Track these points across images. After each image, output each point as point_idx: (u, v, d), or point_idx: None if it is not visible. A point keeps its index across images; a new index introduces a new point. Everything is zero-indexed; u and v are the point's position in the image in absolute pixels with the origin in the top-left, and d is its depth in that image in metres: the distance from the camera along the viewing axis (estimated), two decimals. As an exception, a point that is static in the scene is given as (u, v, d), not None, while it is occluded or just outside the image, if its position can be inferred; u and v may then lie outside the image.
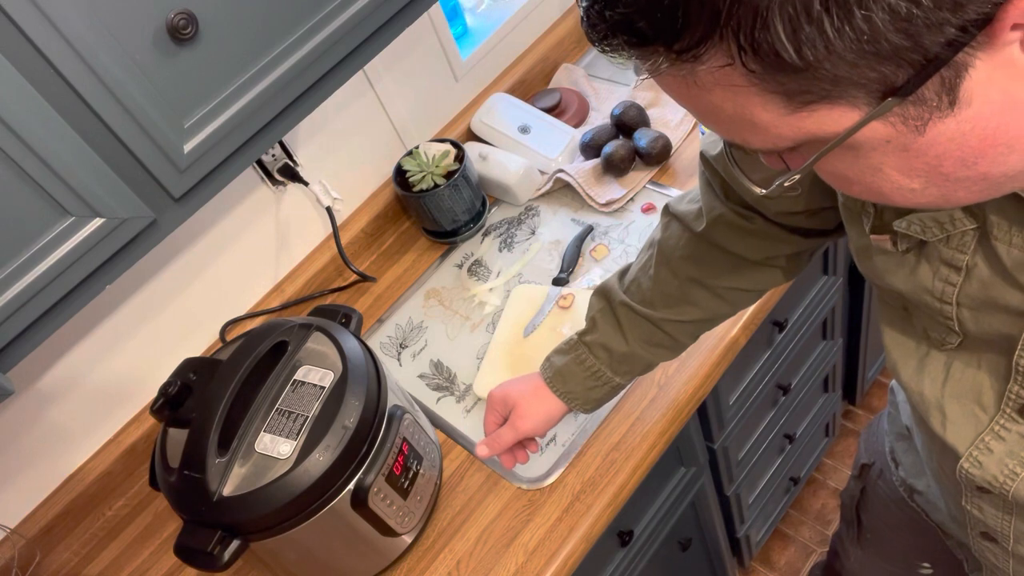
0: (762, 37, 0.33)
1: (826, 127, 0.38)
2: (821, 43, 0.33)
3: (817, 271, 1.37)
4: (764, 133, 0.40)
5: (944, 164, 0.39)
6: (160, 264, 1.19)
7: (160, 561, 1.15)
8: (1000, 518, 0.66)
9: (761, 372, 1.32)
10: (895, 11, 0.32)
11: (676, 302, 0.84)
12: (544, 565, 0.97)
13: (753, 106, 0.38)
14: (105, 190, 0.73)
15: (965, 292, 0.53)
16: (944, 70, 0.34)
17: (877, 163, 0.40)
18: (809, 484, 1.91)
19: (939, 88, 0.35)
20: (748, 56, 0.34)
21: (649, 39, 0.36)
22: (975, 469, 0.60)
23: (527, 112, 1.43)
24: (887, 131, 0.38)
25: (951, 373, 0.60)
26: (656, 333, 0.85)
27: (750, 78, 0.36)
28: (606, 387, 0.88)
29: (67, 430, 1.19)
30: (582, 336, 0.88)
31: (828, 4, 0.32)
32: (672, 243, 0.83)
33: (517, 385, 0.92)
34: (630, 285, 0.86)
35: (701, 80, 0.38)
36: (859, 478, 1.04)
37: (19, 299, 0.72)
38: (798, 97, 0.36)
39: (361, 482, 0.88)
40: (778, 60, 0.34)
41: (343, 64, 0.87)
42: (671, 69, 0.38)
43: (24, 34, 0.64)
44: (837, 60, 0.34)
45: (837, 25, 0.32)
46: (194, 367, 0.91)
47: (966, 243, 0.51)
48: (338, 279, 1.39)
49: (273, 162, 1.25)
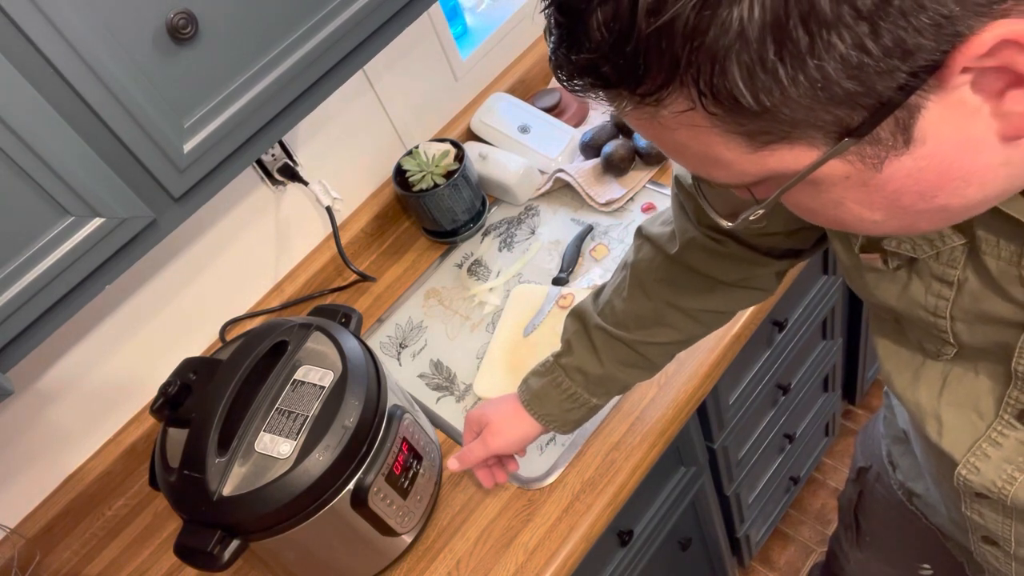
0: (720, 83, 0.34)
1: (787, 165, 0.39)
2: (777, 90, 0.34)
3: (817, 271, 1.37)
4: (728, 169, 0.41)
5: (903, 198, 0.40)
6: (160, 264, 1.19)
7: (160, 561, 1.15)
8: (1000, 522, 0.66)
9: (761, 372, 1.32)
10: (847, 60, 0.33)
11: (650, 324, 0.84)
12: (544, 565, 0.97)
13: (716, 145, 0.39)
14: (105, 190, 0.73)
15: (958, 306, 0.54)
16: (898, 111, 0.36)
17: (838, 197, 0.42)
18: (809, 484, 1.91)
19: (894, 128, 0.36)
20: (708, 100, 0.36)
21: (613, 83, 0.38)
22: (972, 475, 0.61)
23: (527, 112, 1.43)
24: (846, 168, 0.39)
25: (948, 382, 0.60)
26: (631, 355, 0.86)
27: (712, 120, 0.37)
28: (583, 408, 0.89)
29: (67, 430, 1.19)
30: (558, 359, 0.88)
31: (782, 53, 0.33)
32: (645, 265, 0.83)
33: (496, 404, 0.93)
34: (604, 307, 0.86)
35: (665, 121, 0.39)
36: (856, 481, 1.04)
37: (19, 299, 0.72)
38: (759, 137, 0.38)
39: (361, 482, 0.88)
40: (736, 105, 0.35)
41: (343, 64, 0.87)
42: (635, 111, 0.39)
43: (24, 34, 0.64)
44: (793, 105, 0.35)
45: (791, 73, 0.34)
46: (194, 367, 0.91)
47: (956, 258, 0.52)
48: (338, 279, 1.39)
49: (273, 162, 1.25)
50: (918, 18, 0.32)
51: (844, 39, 0.33)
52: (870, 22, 0.32)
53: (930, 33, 0.33)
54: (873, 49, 0.33)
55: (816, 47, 0.33)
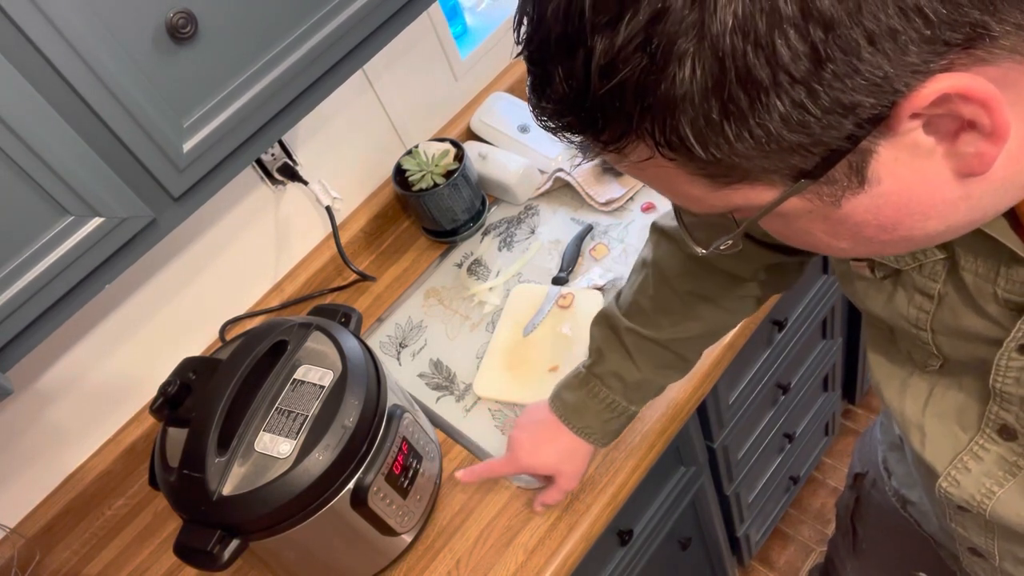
0: (673, 136, 0.36)
1: (751, 200, 0.40)
2: (725, 144, 0.36)
3: (817, 271, 1.37)
4: (699, 203, 0.43)
5: (864, 231, 0.41)
6: (159, 263, 1.19)
7: (160, 560, 1.15)
8: (983, 536, 0.66)
9: (761, 371, 1.32)
10: (787, 119, 0.34)
11: (680, 319, 0.84)
12: (544, 564, 0.97)
13: (683, 184, 0.41)
14: (104, 189, 0.73)
15: (938, 319, 0.54)
16: (850, 156, 0.36)
17: (806, 227, 0.43)
18: (809, 483, 1.91)
19: (847, 170, 0.37)
20: (665, 149, 0.37)
21: (578, 131, 0.40)
22: (953, 488, 0.61)
23: (527, 111, 1.43)
24: (806, 205, 0.40)
25: (933, 394, 0.61)
26: (665, 355, 0.85)
27: (673, 164, 0.39)
28: (622, 417, 0.88)
29: (66, 429, 1.19)
30: (591, 368, 0.87)
31: (726, 112, 0.34)
32: (668, 261, 0.83)
33: (531, 422, 0.92)
34: (630, 309, 0.86)
35: (632, 163, 0.40)
36: (853, 487, 1.03)
37: (18, 298, 0.72)
38: (720, 179, 0.39)
39: (361, 481, 0.88)
40: (691, 154, 0.37)
41: (342, 63, 0.87)
42: (603, 155, 0.41)
43: (24, 34, 0.64)
44: (744, 155, 0.36)
45: (736, 131, 0.35)
46: (193, 366, 0.91)
47: (937, 272, 0.52)
48: (337, 278, 1.39)
49: (272, 161, 1.24)
50: (854, 80, 0.33)
51: (783, 100, 0.34)
52: (806, 86, 0.33)
53: (868, 92, 0.33)
54: (812, 109, 0.34)
55: (756, 108, 0.34)
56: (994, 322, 0.50)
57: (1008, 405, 0.55)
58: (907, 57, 0.33)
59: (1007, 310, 0.49)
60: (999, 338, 0.51)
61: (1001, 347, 0.51)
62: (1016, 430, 0.55)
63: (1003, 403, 0.55)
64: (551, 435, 0.90)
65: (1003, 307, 0.49)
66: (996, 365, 0.52)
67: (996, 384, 0.54)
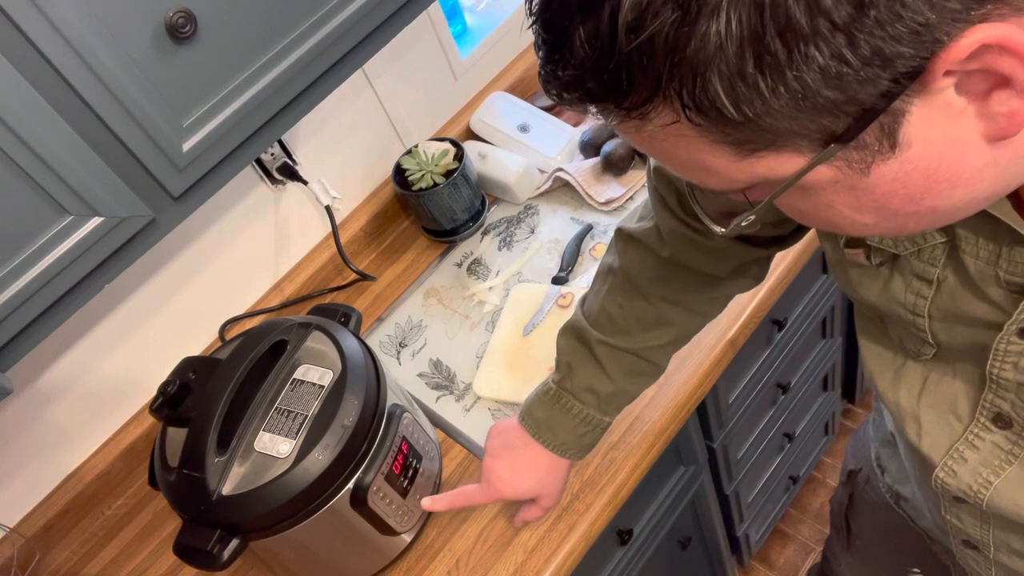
0: (702, 96, 0.35)
1: (775, 171, 0.39)
2: (758, 101, 0.35)
3: (817, 270, 1.37)
4: (718, 176, 0.41)
5: (892, 201, 0.41)
6: (159, 263, 1.19)
7: (159, 560, 1.15)
8: (979, 527, 0.66)
9: (760, 371, 1.32)
10: (826, 71, 0.33)
11: (652, 326, 0.83)
12: (544, 564, 0.97)
13: (704, 154, 0.40)
14: (104, 189, 0.73)
15: (936, 304, 0.54)
16: (882, 117, 0.36)
17: (828, 201, 0.42)
18: (808, 483, 1.92)
19: (879, 133, 0.37)
20: (692, 112, 0.36)
21: (599, 98, 0.38)
22: (949, 478, 0.61)
23: (526, 111, 1.43)
24: (833, 174, 0.39)
25: (927, 383, 0.61)
26: (637, 363, 0.84)
27: (698, 130, 0.37)
28: (597, 430, 0.87)
29: (66, 429, 1.19)
30: (561, 384, 0.85)
31: (761, 66, 0.33)
32: (637, 268, 0.82)
33: (502, 446, 0.89)
34: (599, 318, 0.84)
35: (654, 132, 0.39)
36: (846, 484, 1.03)
37: (18, 298, 0.72)
38: (745, 146, 0.38)
39: (360, 481, 0.88)
40: (720, 116, 0.36)
41: (342, 63, 0.87)
42: (624, 124, 0.40)
43: (23, 33, 0.64)
44: (776, 115, 0.35)
45: (771, 85, 0.34)
46: (193, 366, 0.91)
47: (936, 256, 0.52)
48: (337, 278, 1.39)
49: (272, 161, 1.24)
50: (895, 27, 0.32)
51: (822, 51, 0.33)
52: (847, 33, 0.32)
53: (908, 41, 0.33)
54: (852, 59, 0.33)
55: (794, 59, 0.33)
56: (995, 306, 0.50)
57: (1004, 392, 0.54)
58: (948, 3, 0.32)
59: (1009, 292, 0.49)
60: (999, 322, 0.51)
61: (1000, 331, 0.51)
62: (1012, 418, 0.55)
63: (998, 390, 0.55)
64: (528, 460, 0.87)
65: (1005, 290, 0.49)
66: (994, 350, 0.52)
67: (993, 371, 0.53)
